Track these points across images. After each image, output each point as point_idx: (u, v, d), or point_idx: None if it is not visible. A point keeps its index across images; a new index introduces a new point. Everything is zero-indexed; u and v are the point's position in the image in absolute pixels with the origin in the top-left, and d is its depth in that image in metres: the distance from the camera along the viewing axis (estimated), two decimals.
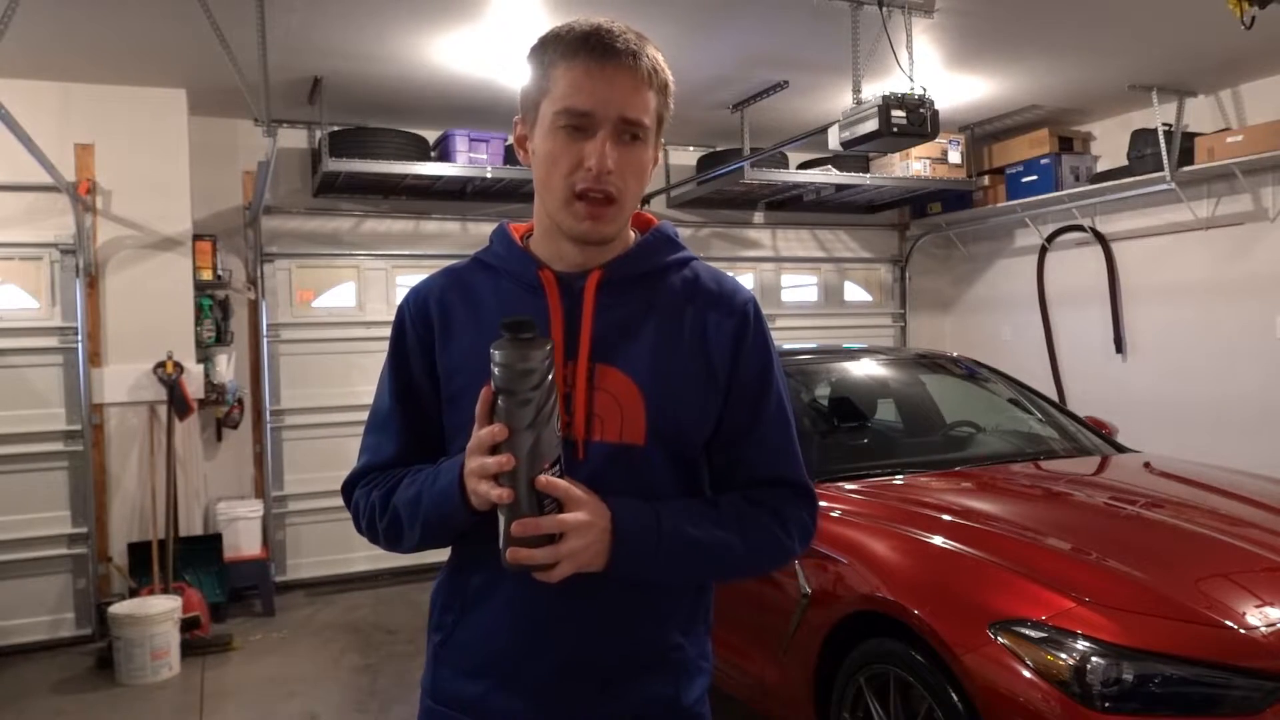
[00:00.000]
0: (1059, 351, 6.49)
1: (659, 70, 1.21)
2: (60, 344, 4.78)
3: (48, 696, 4.07)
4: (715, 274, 1.33)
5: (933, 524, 2.73)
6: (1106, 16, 4.24)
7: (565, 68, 1.17)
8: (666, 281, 1.28)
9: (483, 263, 1.32)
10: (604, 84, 1.16)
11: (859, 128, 4.01)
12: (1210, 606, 2.22)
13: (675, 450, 1.23)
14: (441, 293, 1.30)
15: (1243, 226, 5.35)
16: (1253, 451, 4.94)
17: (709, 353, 1.25)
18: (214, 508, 5.24)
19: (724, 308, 1.28)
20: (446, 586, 1.30)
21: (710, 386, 1.25)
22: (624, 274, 1.26)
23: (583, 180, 1.17)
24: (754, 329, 1.29)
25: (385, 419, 1.31)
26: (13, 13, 3.29)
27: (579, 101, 1.16)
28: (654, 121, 1.21)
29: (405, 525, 1.22)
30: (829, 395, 3.96)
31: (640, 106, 1.18)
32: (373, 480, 1.28)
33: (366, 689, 4.00)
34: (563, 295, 1.24)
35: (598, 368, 1.21)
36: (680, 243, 1.33)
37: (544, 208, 1.24)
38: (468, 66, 4.59)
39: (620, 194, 1.19)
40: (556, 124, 1.18)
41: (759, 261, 6.95)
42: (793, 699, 2.87)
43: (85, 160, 4.79)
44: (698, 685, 1.29)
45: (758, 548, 1.25)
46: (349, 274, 5.83)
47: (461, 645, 1.26)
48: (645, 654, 1.25)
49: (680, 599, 1.28)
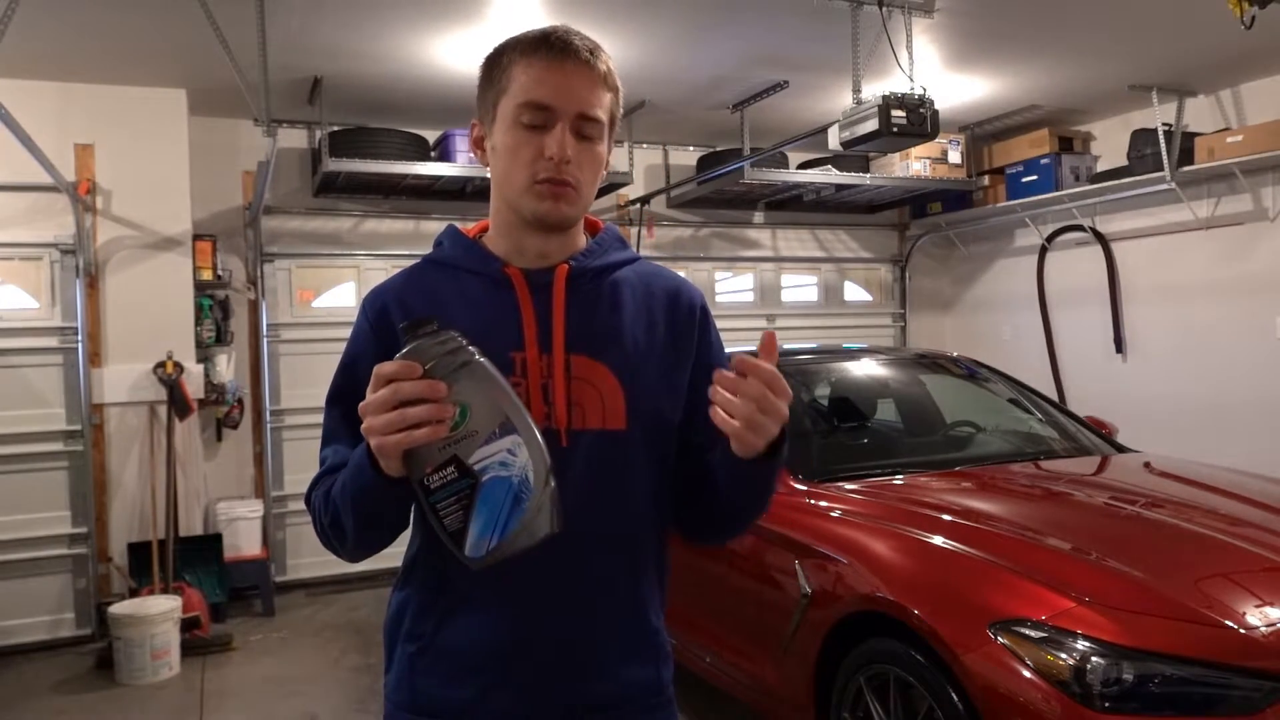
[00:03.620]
0: (1059, 351, 6.49)
1: (611, 73, 1.25)
2: (60, 344, 4.78)
3: (48, 696, 4.07)
4: (664, 271, 1.40)
5: (933, 524, 2.73)
6: (1106, 16, 4.24)
7: (524, 65, 1.22)
8: (624, 276, 1.34)
9: (436, 262, 1.33)
10: (563, 79, 1.20)
11: (859, 128, 4.01)
12: (1210, 606, 2.22)
13: (653, 431, 1.28)
14: (401, 294, 1.29)
15: (1243, 226, 5.35)
16: (1253, 451, 4.94)
17: (675, 338, 1.32)
18: (214, 508, 5.24)
19: (683, 297, 1.36)
20: (421, 594, 1.27)
21: (679, 369, 1.32)
22: (587, 268, 1.30)
23: (544, 170, 1.20)
24: (709, 319, 1.38)
25: (336, 430, 1.28)
26: (13, 13, 3.29)
27: (539, 95, 1.20)
28: (608, 120, 1.26)
29: (341, 514, 1.20)
30: (829, 395, 3.96)
31: (597, 103, 1.23)
32: (323, 482, 1.27)
33: (366, 689, 4.00)
34: (532, 290, 1.26)
35: (573, 358, 1.24)
36: (627, 243, 1.40)
37: (503, 199, 1.27)
38: (468, 66, 4.59)
39: (579, 182, 1.23)
40: (518, 118, 1.21)
41: (759, 261, 6.95)
42: (793, 699, 2.87)
43: (85, 160, 4.79)
44: (670, 668, 1.35)
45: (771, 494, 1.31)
46: (349, 274, 5.83)
47: (444, 651, 1.24)
48: (631, 640, 1.28)
49: (653, 586, 1.32)
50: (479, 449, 1.09)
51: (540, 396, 1.21)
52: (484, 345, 1.18)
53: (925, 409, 4.05)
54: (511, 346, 1.23)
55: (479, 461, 1.09)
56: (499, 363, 1.17)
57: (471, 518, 1.09)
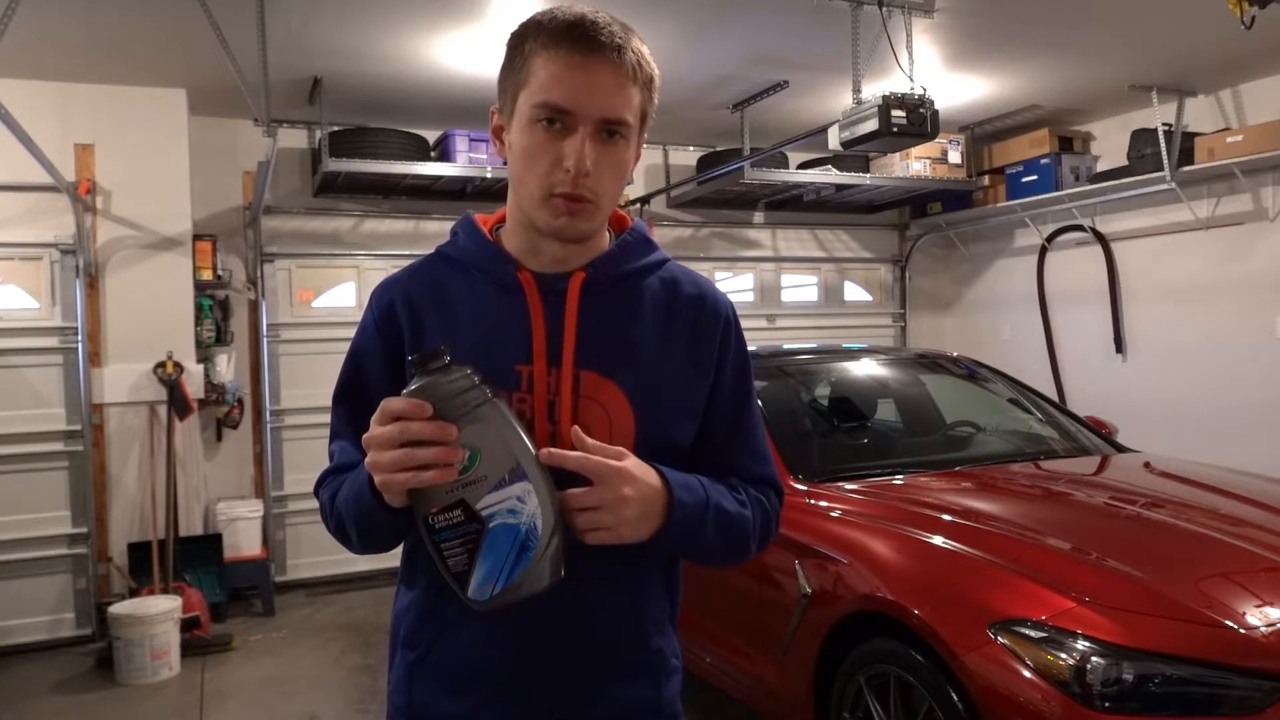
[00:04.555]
0: (1059, 351, 6.49)
1: (643, 65, 1.15)
2: (60, 344, 4.78)
3: (48, 696, 4.07)
4: (693, 276, 1.31)
5: (933, 524, 2.73)
6: (1106, 16, 4.24)
7: (545, 59, 1.11)
8: (647, 283, 1.25)
9: (447, 257, 1.26)
10: (585, 79, 1.10)
11: (859, 128, 4.00)
12: (1210, 606, 2.22)
13: (662, 457, 1.19)
14: (408, 292, 1.24)
15: (1243, 226, 5.35)
16: (1253, 451, 4.94)
17: (696, 357, 1.24)
18: (214, 508, 5.24)
19: (708, 312, 1.26)
20: (420, 602, 1.24)
21: (697, 391, 1.24)
22: (606, 275, 1.22)
23: (560, 184, 1.12)
24: (735, 334, 1.29)
25: (342, 427, 1.26)
26: (13, 13, 3.29)
27: (558, 96, 1.10)
28: (637, 119, 1.16)
29: (345, 523, 1.19)
30: (829, 395, 3.96)
31: (623, 104, 1.12)
32: (330, 482, 1.25)
33: (366, 689, 4.00)
34: (544, 297, 1.18)
35: (583, 375, 1.17)
36: (655, 244, 1.30)
37: (518, 203, 1.20)
38: (468, 66, 4.59)
39: (598, 196, 1.14)
40: (535, 118, 1.12)
41: (759, 261, 6.95)
42: (793, 699, 2.87)
43: (85, 160, 4.79)
44: (674, 684, 1.30)
45: (761, 527, 1.27)
46: (349, 274, 5.83)
47: (443, 661, 1.21)
48: (629, 661, 1.24)
49: (660, 601, 1.28)
50: (487, 495, 1.06)
51: (545, 414, 1.15)
52: (490, 355, 1.15)
53: (925, 409, 4.05)
54: (518, 358, 1.17)
55: (487, 508, 1.06)
56: (504, 375, 1.14)
57: (476, 563, 1.07)
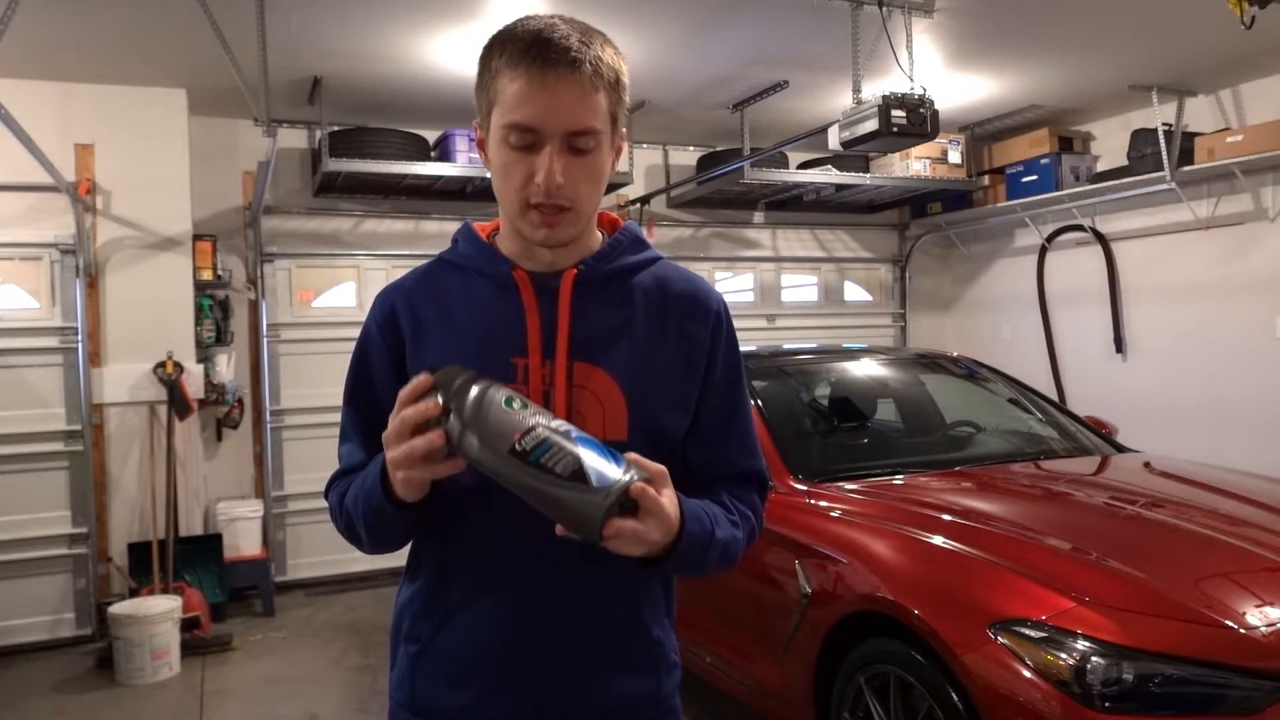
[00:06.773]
0: (1059, 351, 6.49)
1: (605, 70, 1.16)
2: (60, 344, 4.78)
3: (48, 696, 4.07)
4: (685, 273, 1.35)
5: (933, 524, 2.73)
6: (1106, 16, 4.24)
7: (509, 78, 1.14)
8: (639, 279, 1.29)
9: (449, 263, 1.32)
10: (546, 96, 1.12)
11: (859, 128, 4.00)
12: (1210, 606, 2.22)
13: (656, 443, 1.23)
14: (409, 297, 1.29)
15: (1243, 226, 5.35)
16: (1253, 451, 4.95)
17: (687, 350, 1.28)
18: (214, 508, 5.24)
19: (700, 306, 1.30)
20: (422, 595, 1.27)
21: (688, 382, 1.28)
22: (597, 272, 1.26)
23: (535, 195, 1.16)
24: (726, 328, 1.32)
25: (349, 429, 1.31)
26: (13, 13, 3.29)
27: (523, 116, 1.13)
28: (606, 122, 1.18)
29: (355, 523, 1.23)
30: (829, 395, 3.96)
31: (587, 114, 1.14)
32: (339, 483, 1.29)
33: (366, 689, 4.00)
34: (538, 294, 1.23)
35: (576, 366, 1.21)
36: (648, 243, 1.34)
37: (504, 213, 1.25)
38: (467, 66, 4.57)
39: (575, 203, 1.18)
40: (505, 137, 1.16)
41: (759, 261, 6.95)
42: (793, 699, 2.87)
43: (85, 160, 4.79)
44: (674, 678, 1.32)
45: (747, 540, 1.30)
46: (349, 274, 5.83)
47: (443, 654, 1.24)
48: (629, 651, 1.27)
49: (656, 595, 1.30)
50: (552, 420, 1.08)
51: (541, 404, 1.19)
52: (487, 350, 1.20)
53: (925, 409, 4.05)
54: (515, 352, 1.22)
55: (558, 425, 1.08)
56: (501, 369, 1.18)
57: (583, 460, 1.04)
